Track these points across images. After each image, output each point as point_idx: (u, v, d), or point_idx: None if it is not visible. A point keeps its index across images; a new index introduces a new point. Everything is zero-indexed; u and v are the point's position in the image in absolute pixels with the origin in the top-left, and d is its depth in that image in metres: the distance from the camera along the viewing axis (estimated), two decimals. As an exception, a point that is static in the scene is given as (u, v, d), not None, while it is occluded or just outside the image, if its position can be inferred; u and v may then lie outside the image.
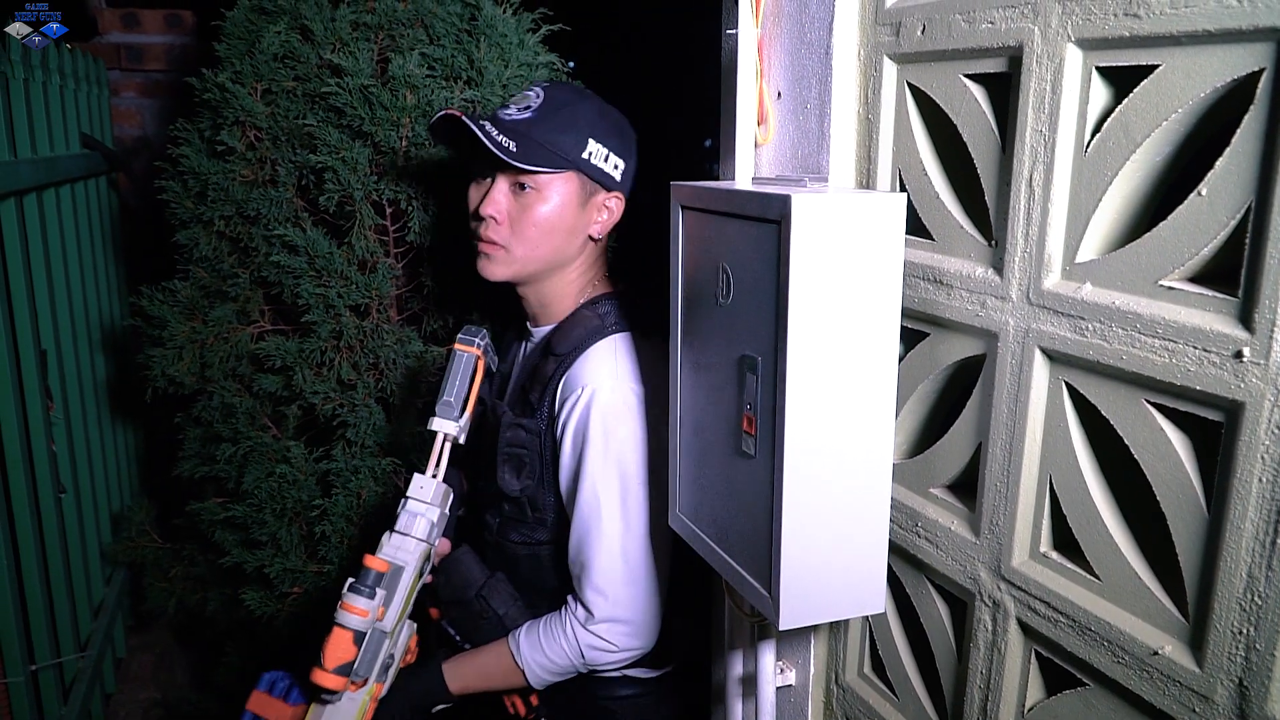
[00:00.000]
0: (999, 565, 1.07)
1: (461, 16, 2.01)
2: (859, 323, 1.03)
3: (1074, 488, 0.98)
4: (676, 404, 1.33)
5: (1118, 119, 0.90)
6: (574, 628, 1.47)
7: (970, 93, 1.06)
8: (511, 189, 1.45)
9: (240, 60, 2.01)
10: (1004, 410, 1.04)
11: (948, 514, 1.15)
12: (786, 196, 0.98)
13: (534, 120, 1.44)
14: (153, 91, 3.19)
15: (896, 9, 1.14)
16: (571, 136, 1.46)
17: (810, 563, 1.07)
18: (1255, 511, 0.79)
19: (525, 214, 1.45)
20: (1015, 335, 1.02)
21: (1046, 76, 0.95)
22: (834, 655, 1.40)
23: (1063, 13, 0.92)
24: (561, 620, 1.49)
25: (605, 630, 1.46)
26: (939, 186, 1.14)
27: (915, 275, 1.15)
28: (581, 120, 1.47)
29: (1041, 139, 0.96)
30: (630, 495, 1.46)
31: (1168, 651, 0.88)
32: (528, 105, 1.46)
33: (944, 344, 1.14)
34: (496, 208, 1.45)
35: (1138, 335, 0.88)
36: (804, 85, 1.27)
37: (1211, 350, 0.81)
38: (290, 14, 1.99)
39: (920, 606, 1.22)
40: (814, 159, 1.27)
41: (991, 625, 1.09)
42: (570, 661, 1.48)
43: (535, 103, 1.45)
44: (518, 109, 1.45)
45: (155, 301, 2.16)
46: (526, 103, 1.46)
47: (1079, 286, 0.94)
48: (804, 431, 1.03)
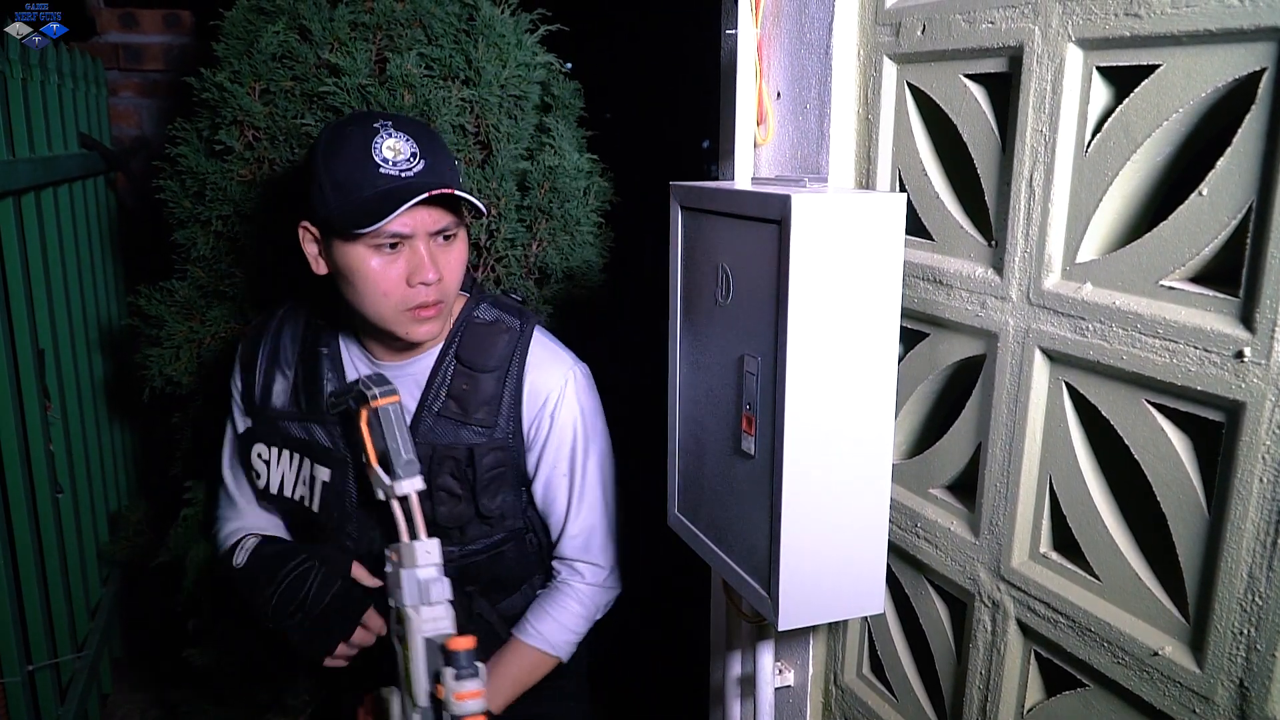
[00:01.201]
0: (998, 566, 1.06)
1: (459, 16, 2.01)
2: (859, 323, 1.03)
3: (1074, 488, 0.98)
4: (675, 403, 1.33)
5: (1118, 119, 0.89)
6: (583, 593, 1.54)
7: (970, 93, 1.06)
8: (432, 242, 1.33)
9: (239, 60, 2.00)
10: (1004, 410, 1.04)
11: (947, 514, 1.15)
12: (787, 196, 0.98)
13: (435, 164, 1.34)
14: (151, 91, 3.18)
15: (896, 9, 1.14)
16: (455, 164, 1.40)
17: (810, 563, 1.07)
18: (1256, 512, 0.79)
19: (452, 260, 1.36)
20: (1015, 335, 1.01)
21: (1047, 76, 0.95)
22: (833, 656, 1.40)
23: (1063, 12, 0.92)
24: (565, 593, 1.54)
25: (611, 581, 1.57)
26: (939, 187, 1.13)
27: (915, 275, 1.14)
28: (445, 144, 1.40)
29: (1042, 139, 0.96)
30: (607, 459, 1.55)
31: (1168, 652, 0.87)
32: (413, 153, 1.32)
33: (944, 344, 1.14)
34: (435, 269, 1.32)
35: (1138, 335, 0.87)
36: (803, 85, 1.27)
37: (1212, 350, 0.81)
38: (289, 14, 1.99)
39: (919, 607, 1.22)
40: (813, 159, 1.27)
41: (991, 626, 1.08)
42: (587, 624, 1.56)
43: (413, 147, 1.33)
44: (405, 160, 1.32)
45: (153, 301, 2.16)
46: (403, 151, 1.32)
47: (1079, 286, 0.94)
48: (804, 431, 1.03)
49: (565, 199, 2.02)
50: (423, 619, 1.28)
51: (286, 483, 1.49)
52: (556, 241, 2.05)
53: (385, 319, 1.35)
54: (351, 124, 1.35)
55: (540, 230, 2.04)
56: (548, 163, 1.99)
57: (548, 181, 1.99)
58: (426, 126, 1.39)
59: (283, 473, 1.49)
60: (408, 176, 1.31)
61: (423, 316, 1.35)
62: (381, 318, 1.35)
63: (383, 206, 1.26)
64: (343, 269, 1.34)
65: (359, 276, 1.32)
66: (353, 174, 1.30)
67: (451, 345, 1.47)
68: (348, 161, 1.31)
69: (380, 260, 1.31)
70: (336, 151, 1.32)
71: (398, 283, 1.32)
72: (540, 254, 2.05)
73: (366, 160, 1.30)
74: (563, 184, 2.01)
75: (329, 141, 1.34)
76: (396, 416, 1.32)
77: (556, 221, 2.03)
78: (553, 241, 2.05)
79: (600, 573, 1.55)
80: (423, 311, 1.35)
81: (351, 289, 1.34)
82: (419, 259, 1.32)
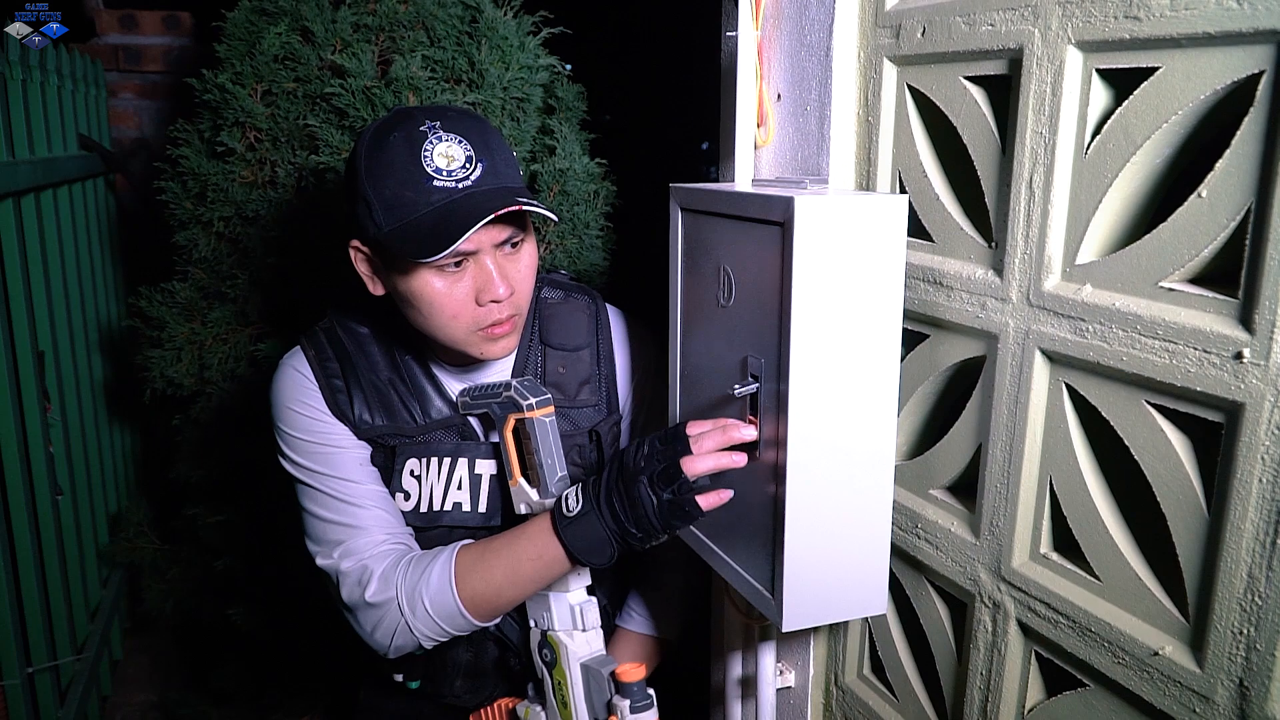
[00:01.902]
0: (999, 566, 1.07)
1: (462, 19, 2.02)
2: (861, 324, 1.04)
3: (1074, 489, 0.98)
4: (675, 404, 1.33)
5: (1118, 121, 0.90)
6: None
7: (970, 95, 1.07)
8: (499, 253, 1.24)
9: (240, 61, 2.01)
10: (1004, 412, 1.04)
11: (948, 515, 1.16)
12: (790, 198, 0.98)
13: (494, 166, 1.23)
14: (150, 93, 3.19)
15: (897, 11, 1.15)
16: (515, 162, 1.30)
17: (813, 564, 1.07)
18: (1255, 512, 0.79)
19: (523, 270, 1.27)
20: (1015, 337, 1.02)
21: (1046, 79, 0.95)
22: (834, 656, 1.40)
23: (1063, 15, 0.93)
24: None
25: None
26: (939, 188, 1.14)
27: (915, 277, 1.15)
28: (503, 140, 1.30)
29: (1042, 141, 0.96)
30: None
31: (1168, 652, 0.88)
32: (468, 157, 1.21)
33: (944, 345, 1.14)
34: (506, 283, 1.23)
35: (1138, 336, 0.88)
36: (804, 87, 1.28)
37: (1212, 351, 0.81)
38: (291, 15, 1.99)
39: (920, 608, 1.22)
40: (814, 161, 1.27)
41: (991, 626, 1.09)
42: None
43: (467, 150, 1.21)
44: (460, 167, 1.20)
45: (154, 303, 2.16)
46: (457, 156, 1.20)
47: (1079, 288, 0.94)
48: (807, 433, 1.03)
49: (574, 202, 2.02)
50: (576, 644, 1.25)
51: (436, 495, 1.37)
52: (565, 245, 2.05)
53: (457, 341, 1.26)
54: (395, 128, 1.21)
55: (549, 233, 2.04)
56: (558, 166, 2.00)
57: (557, 184, 2.00)
58: (478, 118, 1.27)
59: (431, 485, 1.37)
60: (466, 187, 1.19)
61: (496, 335, 1.26)
62: (453, 340, 1.26)
63: (443, 229, 1.14)
64: (403, 293, 1.24)
65: (423, 301, 1.22)
66: (403, 191, 1.18)
67: (533, 331, 1.42)
68: (397, 176, 1.18)
69: (444, 281, 1.21)
70: (381, 163, 1.19)
71: (465, 303, 1.22)
72: (549, 257, 2.05)
73: (417, 172, 1.18)
74: (572, 187, 2.02)
75: (371, 151, 1.20)
76: (553, 429, 1.26)
77: (565, 225, 2.04)
78: (561, 245, 2.05)
79: None
80: (496, 330, 1.25)
81: (416, 312, 1.25)
82: (486, 275, 1.21)
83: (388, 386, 1.36)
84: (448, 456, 1.37)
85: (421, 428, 1.37)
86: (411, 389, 1.37)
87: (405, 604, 1.26)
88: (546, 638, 1.28)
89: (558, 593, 1.25)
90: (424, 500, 1.37)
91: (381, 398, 1.36)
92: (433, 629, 1.27)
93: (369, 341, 1.39)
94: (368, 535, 1.31)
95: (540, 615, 1.28)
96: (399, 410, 1.36)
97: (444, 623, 1.26)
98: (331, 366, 1.35)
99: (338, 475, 1.33)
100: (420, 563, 1.28)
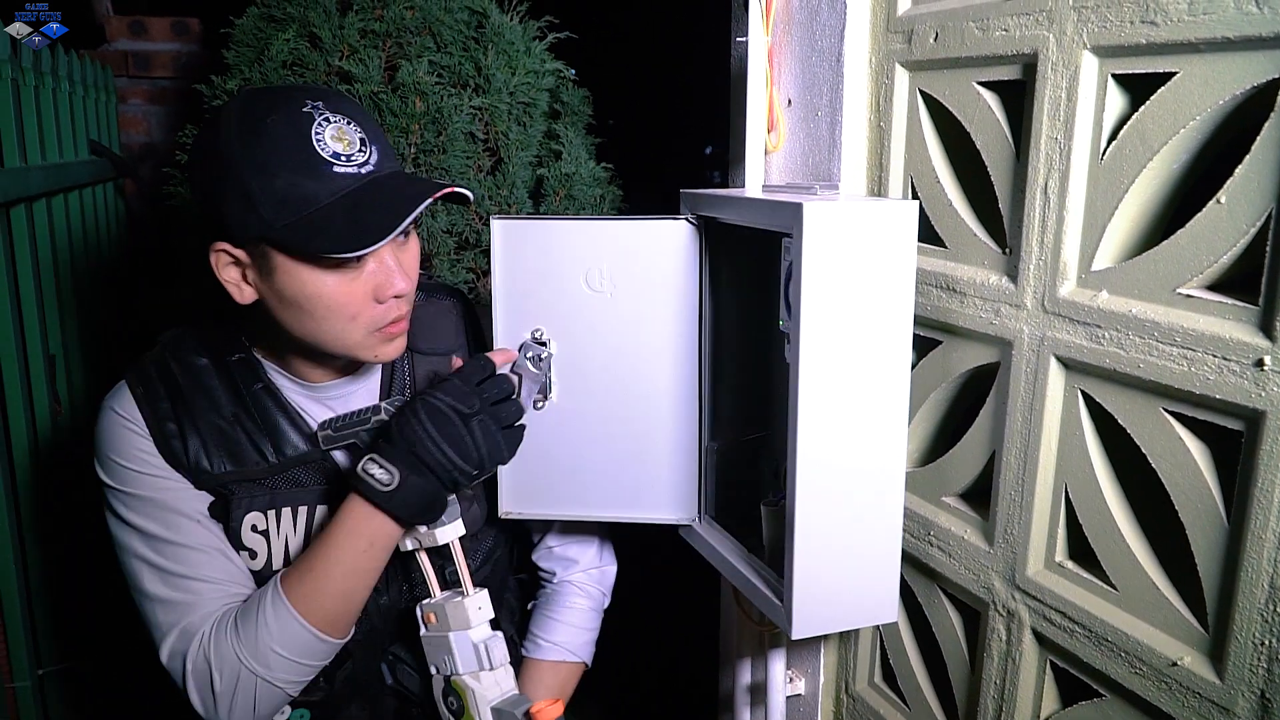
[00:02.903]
0: (1013, 575, 1.06)
1: (469, 24, 2.02)
2: (871, 330, 1.03)
3: (1090, 497, 0.98)
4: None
5: (1134, 126, 0.89)
6: (583, 582, 1.41)
7: (984, 100, 1.06)
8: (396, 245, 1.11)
9: (249, 67, 2.01)
10: (1018, 419, 1.04)
11: (961, 523, 1.15)
12: (798, 205, 0.98)
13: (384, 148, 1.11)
14: (159, 99, 3.19)
15: (909, 17, 1.14)
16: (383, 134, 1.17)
17: (823, 571, 1.06)
18: (1277, 521, 0.78)
19: (412, 260, 1.13)
20: (1030, 343, 1.01)
21: (1062, 84, 0.94)
22: (844, 664, 1.39)
23: (1078, 20, 0.92)
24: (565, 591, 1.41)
25: (606, 556, 1.44)
26: (952, 194, 1.13)
27: (927, 283, 1.14)
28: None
29: (1057, 146, 0.96)
30: None
31: (1187, 663, 0.87)
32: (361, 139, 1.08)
33: (957, 352, 1.13)
34: (405, 279, 1.10)
35: (1155, 343, 0.87)
36: (815, 92, 1.27)
37: (1231, 359, 0.80)
38: (299, 21, 2.00)
39: (932, 616, 1.21)
40: (825, 166, 1.27)
41: (1006, 635, 1.08)
42: (599, 615, 1.44)
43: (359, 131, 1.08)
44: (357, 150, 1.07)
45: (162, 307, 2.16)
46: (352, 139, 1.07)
47: (1095, 294, 0.94)
48: (816, 440, 1.03)
49: (581, 206, 2.02)
50: (485, 686, 1.13)
51: (293, 550, 1.20)
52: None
53: (351, 346, 1.11)
54: (269, 111, 1.04)
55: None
56: (564, 170, 2.00)
57: (563, 189, 2.00)
58: (347, 96, 1.13)
59: (285, 539, 1.20)
60: (369, 172, 1.06)
61: (393, 334, 1.12)
62: (347, 345, 1.11)
63: (367, 219, 1.02)
64: (290, 297, 1.07)
65: (317, 304, 1.07)
66: (300, 181, 1.03)
67: None
68: (288, 165, 1.02)
69: (338, 279, 1.06)
70: (262, 151, 1.03)
71: (365, 302, 1.08)
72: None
73: (313, 159, 1.03)
74: (579, 191, 2.01)
75: (245, 138, 1.03)
76: None
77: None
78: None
79: (590, 549, 1.41)
80: (393, 328, 1.12)
81: (305, 317, 1.09)
82: (387, 271, 1.08)
83: (232, 425, 1.18)
84: (303, 505, 1.20)
85: (275, 467, 1.19)
86: (262, 424, 1.19)
87: (254, 662, 1.10)
88: (451, 683, 1.15)
89: (458, 631, 1.14)
90: (277, 557, 1.19)
91: (225, 439, 1.17)
92: (296, 671, 1.12)
93: (208, 374, 1.20)
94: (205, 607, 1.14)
95: (441, 659, 1.16)
96: (246, 451, 1.18)
97: (305, 658, 1.12)
98: (164, 407, 1.17)
99: (175, 540, 1.15)
100: (246, 615, 1.12)
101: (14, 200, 2.09)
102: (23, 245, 2.17)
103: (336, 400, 1.23)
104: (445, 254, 2.03)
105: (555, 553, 1.42)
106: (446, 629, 1.15)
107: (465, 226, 2.04)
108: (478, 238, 2.04)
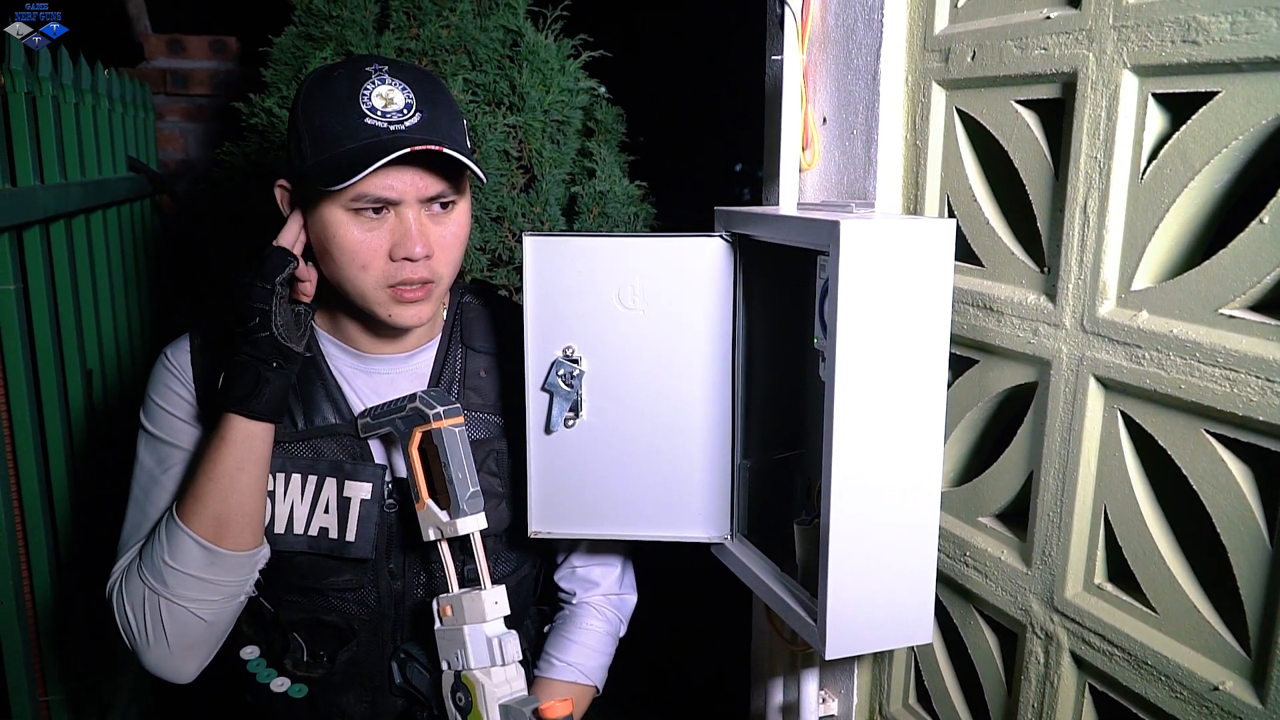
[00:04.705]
0: (1051, 597, 1.05)
1: (504, 42, 2.04)
2: (907, 349, 1.02)
3: (1130, 518, 0.97)
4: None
5: (1175, 146, 0.89)
6: (602, 606, 1.40)
7: (1022, 118, 1.06)
8: (424, 210, 1.14)
9: (287, 85, 2.04)
10: (1056, 439, 1.03)
11: (997, 544, 1.14)
12: (835, 222, 0.98)
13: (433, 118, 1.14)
14: (196, 116, 3.24)
15: (946, 35, 1.14)
16: (460, 123, 1.19)
17: (858, 591, 1.06)
18: (1323, 545, 0.77)
19: (447, 237, 1.16)
20: (1069, 363, 1.00)
21: (1101, 103, 0.94)
22: (878, 685, 1.38)
23: (1118, 39, 0.92)
24: (584, 613, 1.40)
25: (628, 583, 1.44)
26: (989, 212, 1.13)
27: (964, 302, 1.14)
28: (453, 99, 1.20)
29: (1096, 165, 0.95)
30: None
31: (1228, 687, 0.86)
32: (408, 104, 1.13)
33: (994, 371, 1.13)
34: (425, 242, 1.13)
35: (1197, 364, 0.86)
36: (850, 111, 1.27)
37: (1275, 380, 0.80)
38: (336, 40, 2.02)
39: (968, 637, 1.20)
40: (860, 184, 1.27)
41: (1044, 658, 1.07)
42: (614, 641, 1.42)
43: (409, 97, 1.13)
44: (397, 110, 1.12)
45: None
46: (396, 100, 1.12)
47: (1135, 314, 0.93)
48: (851, 458, 1.02)
49: (614, 224, 2.03)
50: (495, 682, 1.13)
51: (298, 517, 1.21)
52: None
53: (365, 296, 1.15)
54: (341, 67, 1.15)
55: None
56: (598, 188, 2.01)
57: (597, 207, 2.01)
58: (432, 76, 1.18)
59: (292, 505, 1.21)
60: (398, 130, 1.10)
61: (406, 298, 1.15)
62: (361, 294, 1.15)
63: (359, 161, 1.07)
64: (317, 234, 1.15)
65: (334, 244, 1.13)
66: (331, 123, 1.10)
67: (455, 330, 1.30)
68: (329, 109, 1.11)
69: (359, 227, 1.12)
70: (319, 97, 1.13)
71: (378, 255, 1.13)
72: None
73: (350, 108, 1.10)
74: (612, 209, 2.02)
75: (313, 86, 1.14)
76: (463, 440, 1.16)
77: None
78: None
79: (612, 573, 1.41)
80: (406, 291, 1.14)
81: (328, 260, 1.15)
82: (405, 229, 1.12)
83: None
84: (314, 474, 1.22)
85: (300, 434, 1.22)
86: (298, 391, 1.23)
87: (154, 579, 1.13)
88: (461, 679, 1.15)
89: (473, 625, 1.14)
90: (279, 520, 1.21)
91: None
92: (195, 587, 1.13)
93: None
94: None
95: (453, 654, 1.16)
96: None
97: (200, 572, 1.13)
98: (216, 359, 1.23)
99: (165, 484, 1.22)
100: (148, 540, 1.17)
101: (54, 216, 2.13)
102: (62, 261, 2.20)
103: (383, 376, 1.27)
104: (478, 271, 2.05)
105: (578, 573, 1.42)
106: (461, 622, 1.15)
107: (499, 244, 2.06)
108: (511, 255, 2.06)
